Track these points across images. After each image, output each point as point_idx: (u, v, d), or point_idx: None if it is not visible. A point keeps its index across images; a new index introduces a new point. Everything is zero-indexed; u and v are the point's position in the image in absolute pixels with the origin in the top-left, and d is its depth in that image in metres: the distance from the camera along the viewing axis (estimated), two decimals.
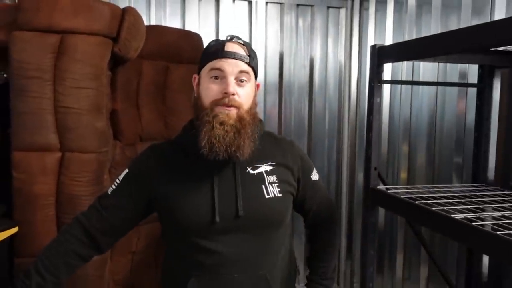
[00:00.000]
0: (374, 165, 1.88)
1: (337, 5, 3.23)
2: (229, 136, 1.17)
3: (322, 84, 3.26)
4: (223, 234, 1.23)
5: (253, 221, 1.24)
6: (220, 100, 1.20)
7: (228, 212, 1.23)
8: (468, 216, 1.42)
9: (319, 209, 1.46)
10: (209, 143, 1.17)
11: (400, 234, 2.72)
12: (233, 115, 1.20)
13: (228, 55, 1.23)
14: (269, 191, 1.27)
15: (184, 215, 1.23)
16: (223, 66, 1.22)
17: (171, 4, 2.90)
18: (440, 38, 1.57)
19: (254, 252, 1.26)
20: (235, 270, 1.24)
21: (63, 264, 1.29)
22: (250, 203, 1.24)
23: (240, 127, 1.20)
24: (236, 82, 1.22)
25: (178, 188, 1.25)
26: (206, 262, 1.24)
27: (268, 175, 1.29)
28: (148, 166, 1.30)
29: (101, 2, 2.06)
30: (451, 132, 2.28)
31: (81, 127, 1.96)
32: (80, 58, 1.94)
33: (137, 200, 1.30)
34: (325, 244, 1.49)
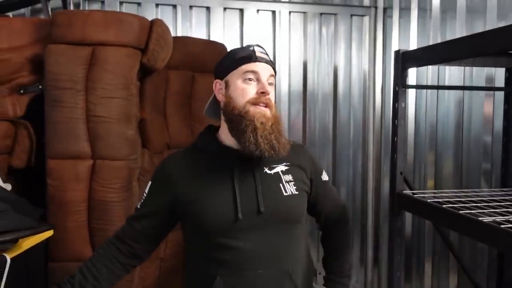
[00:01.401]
0: (400, 170, 1.88)
1: (360, 13, 3.25)
2: (273, 135, 1.25)
3: (346, 92, 3.27)
4: (245, 231, 1.27)
5: (274, 217, 1.28)
6: (257, 100, 1.27)
7: (250, 209, 1.27)
8: (497, 219, 1.40)
9: (331, 210, 1.49)
10: (255, 141, 1.23)
11: (428, 242, 2.68)
12: (269, 115, 1.27)
13: (260, 59, 1.30)
14: (286, 189, 1.32)
15: (207, 216, 1.27)
16: (258, 69, 1.28)
17: (197, 14, 2.98)
18: (465, 41, 1.57)
19: (277, 248, 1.29)
20: (259, 266, 1.27)
21: (105, 268, 1.34)
22: (270, 200, 1.28)
23: (278, 126, 1.28)
24: (268, 83, 1.30)
25: (200, 190, 1.30)
26: (230, 260, 1.27)
27: (284, 175, 1.34)
28: (168, 174, 1.35)
29: (131, 15, 2.14)
30: (479, 137, 2.25)
31: (111, 135, 2.02)
32: (110, 69, 2.02)
33: (164, 207, 1.35)
34: (339, 244, 1.51)
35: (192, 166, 1.34)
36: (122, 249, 1.36)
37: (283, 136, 1.29)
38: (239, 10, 3.05)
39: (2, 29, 2.14)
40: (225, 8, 3.02)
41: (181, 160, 1.37)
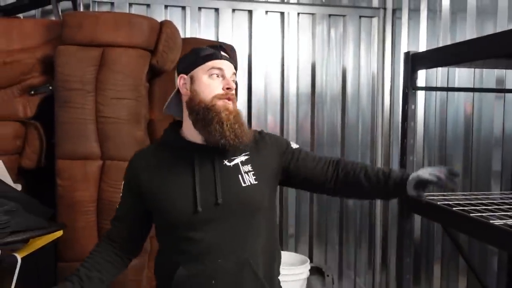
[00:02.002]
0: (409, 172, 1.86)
1: (369, 14, 3.23)
2: (237, 125, 1.31)
3: (354, 93, 3.25)
4: (205, 223, 1.33)
5: (232, 208, 1.34)
6: (222, 95, 1.34)
7: (209, 201, 1.33)
8: (508, 222, 1.39)
9: (322, 167, 1.45)
10: (221, 130, 1.30)
11: (437, 245, 2.67)
12: (232, 108, 1.34)
13: (224, 57, 1.38)
14: (245, 179, 1.37)
15: (169, 209, 1.34)
16: (223, 66, 1.36)
17: (206, 16, 2.99)
18: (476, 43, 1.56)
19: (235, 238, 1.35)
20: (218, 256, 1.33)
21: (105, 262, 1.41)
22: (228, 192, 1.34)
23: (240, 118, 1.34)
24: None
25: (162, 184, 1.36)
26: (192, 250, 1.33)
27: (243, 165, 1.39)
28: (134, 170, 1.42)
29: (140, 16, 2.15)
30: (489, 139, 2.24)
31: (120, 136, 2.04)
32: (120, 70, 2.03)
33: (137, 205, 1.42)
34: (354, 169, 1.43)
35: (156, 162, 1.40)
36: (114, 245, 1.44)
37: (245, 127, 1.34)
38: (248, 11, 3.05)
39: (13, 30, 2.16)
40: (234, 10, 3.03)
41: (146, 157, 1.44)
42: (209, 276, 1.33)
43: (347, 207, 3.28)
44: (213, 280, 1.33)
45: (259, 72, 3.07)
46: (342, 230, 3.28)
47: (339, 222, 3.27)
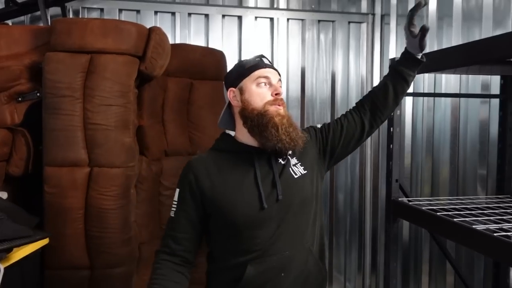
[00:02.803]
0: (395, 177, 1.89)
1: (358, 20, 3.26)
2: (291, 128, 1.38)
3: (344, 98, 3.28)
4: (269, 219, 1.38)
5: (290, 201, 1.40)
6: (273, 101, 1.39)
7: (271, 198, 1.38)
8: (491, 227, 1.41)
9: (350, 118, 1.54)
10: (277, 135, 1.35)
11: (425, 249, 2.69)
12: (284, 112, 1.40)
13: (269, 66, 1.44)
14: (295, 171, 1.44)
15: (235, 210, 1.37)
16: (269, 74, 1.42)
17: (196, 22, 3.00)
18: (459, 50, 1.58)
19: (297, 229, 1.41)
20: (285, 248, 1.38)
21: (173, 283, 1.41)
22: (286, 187, 1.40)
23: (291, 121, 1.40)
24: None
25: (226, 187, 1.40)
26: (258, 248, 1.37)
27: (292, 158, 1.46)
28: (194, 176, 1.43)
29: (129, 23, 2.16)
30: (475, 143, 2.26)
31: (109, 142, 2.03)
32: (108, 76, 2.03)
33: (197, 210, 1.44)
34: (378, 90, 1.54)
35: (215, 166, 1.44)
36: (176, 261, 1.43)
37: (298, 130, 1.41)
38: (238, 17, 3.07)
39: (1, 37, 2.16)
40: (224, 16, 3.04)
41: (204, 162, 1.47)
42: (278, 270, 1.38)
43: (337, 212, 3.30)
44: (283, 273, 1.39)
45: None
46: (332, 235, 3.30)
47: (329, 227, 3.29)
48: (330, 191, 3.27)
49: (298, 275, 1.42)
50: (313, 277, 1.46)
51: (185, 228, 1.44)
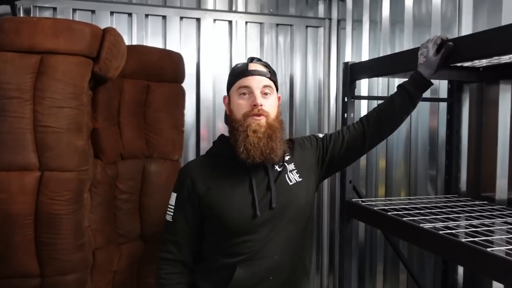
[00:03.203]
0: (349, 179, 1.93)
1: (315, 24, 3.32)
2: (263, 142, 1.38)
3: (302, 100, 3.33)
4: (262, 225, 1.42)
5: (284, 208, 1.44)
6: (251, 112, 1.40)
7: (265, 205, 1.42)
8: (437, 225, 1.46)
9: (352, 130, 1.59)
10: (246, 149, 1.38)
11: (380, 248, 2.76)
12: (263, 123, 1.40)
13: (252, 72, 1.44)
14: (291, 178, 1.48)
15: (229, 215, 1.41)
16: (249, 83, 1.43)
17: (153, 24, 2.96)
18: (407, 55, 1.64)
19: (289, 235, 1.44)
20: (275, 253, 1.42)
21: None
22: (280, 194, 1.44)
23: (271, 133, 1.40)
24: (261, 95, 1.43)
25: (221, 192, 1.43)
26: (249, 251, 1.40)
27: (288, 164, 1.50)
28: (190, 181, 1.47)
29: (82, 23, 2.11)
30: (425, 145, 2.34)
31: (60, 146, 1.97)
32: (60, 77, 1.98)
33: (195, 213, 1.48)
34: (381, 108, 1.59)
35: (211, 171, 1.47)
36: (179, 270, 1.48)
37: (277, 141, 1.41)
38: (196, 19, 3.06)
39: None
40: (182, 18, 3.02)
41: (200, 166, 1.51)
42: (267, 273, 1.42)
43: None
44: (271, 276, 1.42)
45: (207, 80, 3.08)
46: None
47: None
48: None
49: (286, 280, 1.45)
50: (301, 284, 1.50)
51: (185, 233, 1.48)
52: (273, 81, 1.48)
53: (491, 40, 1.25)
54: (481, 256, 1.20)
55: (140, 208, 2.44)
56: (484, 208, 1.77)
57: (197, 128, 3.06)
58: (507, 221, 1.57)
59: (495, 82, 1.88)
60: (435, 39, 1.45)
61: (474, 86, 2.02)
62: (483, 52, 1.32)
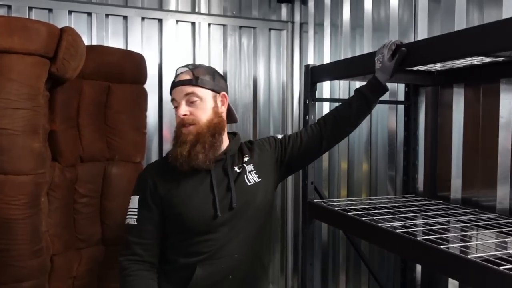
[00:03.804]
0: (310, 180, 1.96)
1: (278, 27, 3.35)
2: (186, 150, 1.44)
3: (266, 102, 3.36)
4: (222, 225, 1.45)
5: (243, 208, 1.48)
6: (180, 123, 1.48)
7: (225, 206, 1.46)
8: (395, 224, 1.50)
9: (308, 133, 1.65)
10: (174, 159, 1.46)
11: (342, 248, 2.80)
12: (192, 131, 1.46)
13: (176, 84, 1.51)
14: (250, 179, 1.52)
15: (189, 215, 1.44)
16: (175, 95, 1.51)
17: (113, 24, 2.90)
18: (364, 59, 1.68)
19: (249, 234, 1.49)
20: (235, 251, 1.45)
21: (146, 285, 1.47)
22: (239, 194, 1.48)
23: (197, 140, 1.45)
24: (187, 103, 1.48)
25: (181, 192, 1.47)
26: (209, 250, 1.43)
27: (247, 165, 1.55)
28: (151, 182, 1.51)
29: (38, 22, 2.04)
30: (385, 146, 2.40)
31: (16, 148, 1.91)
32: (15, 78, 1.91)
33: (159, 214, 1.50)
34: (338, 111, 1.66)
35: (172, 172, 1.49)
36: (147, 268, 1.49)
37: (210, 146, 1.46)
38: (158, 20, 3.02)
39: None
40: (144, 18, 2.98)
41: (160, 168, 1.54)
42: (226, 272, 1.45)
43: None
44: (230, 275, 1.45)
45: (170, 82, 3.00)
46: None
47: None
48: None
49: (245, 279, 1.49)
50: (259, 282, 1.54)
51: (152, 234, 1.49)
52: (200, 86, 1.49)
53: (444, 45, 1.30)
54: (436, 253, 1.24)
55: (101, 212, 2.39)
56: (439, 207, 1.83)
57: (160, 130, 3.03)
58: (461, 219, 1.63)
59: (448, 85, 1.95)
60: (389, 45, 1.49)
61: (430, 89, 2.08)
62: (437, 57, 1.37)
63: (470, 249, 1.27)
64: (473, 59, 1.52)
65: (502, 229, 1.48)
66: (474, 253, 1.19)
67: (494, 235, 1.45)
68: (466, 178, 1.91)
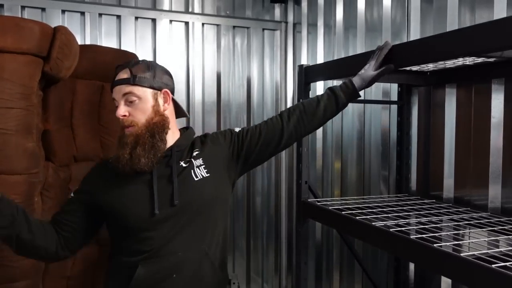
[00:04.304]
0: (305, 179, 1.96)
1: (272, 27, 3.36)
2: (127, 153, 1.42)
3: (259, 102, 3.36)
4: (163, 222, 1.41)
5: (187, 204, 1.42)
6: (120, 124, 1.47)
7: (166, 202, 1.41)
8: (388, 223, 1.51)
9: (267, 128, 1.59)
10: (117, 161, 1.44)
11: (336, 248, 2.81)
12: (132, 133, 1.43)
13: (115, 83, 1.48)
14: (197, 174, 1.46)
15: (126, 213, 1.41)
16: (114, 95, 1.48)
17: (107, 23, 2.90)
18: (357, 59, 1.69)
19: (193, 231, 1.43)
20: (178, 249, 1.40)
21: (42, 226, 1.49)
22: (184, 190, 1.42)
23: (137, 142, 1.42)
24: (125, 103, 1.46)
25: (121, 190, 1.44)
26: (150, 248, 1.39)
27: (195, 160, 1.49)
28: (93, 179, 1.52)
29: (31, 21, 2.03)
30: (378, 146, 2.42)
31: (9, 148, 1.90)
32: (8, 77, 1.90)
33: (86, 208, 1.51)
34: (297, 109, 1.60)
35: (115, 171, 1.47)
36: (58, 231, 1.50)
37: (145, 147, 1.42)
38: (152, 20, 3.02)
39: None
40: (137, 18, 2.97)
41: (105, 167, 1.53)
42: (169, 270, 1.40)
43: (255, 216, 3.35)
44: (174, 274, 1.40)
45: None
46: (250, 238, 3.35)
47: (247, 230, 3.33)
48: (247, 194, 3.32)
49: (191, 277, 1.42)
50: (208, 281, 1.46)
51: (67, 216, 1.50)
52: (138, 84, 1.45)
53: (436, 45, 1.31)
54: (429, 252, 1.25)
55: None
56: (432, 206, 1.85)
57: None
58: (453, 218, 1.65)
59: (441, 86, 1.97)
60: (378, 57, 1.49)
61: (423, 89, 2.10)
62: (429, 57, 1.38)
63: (463, 248, 1.28)
64: (465, 59, 1.54)
65: (493, 228, 1.50)
66: (467, 251, 1.21)
67: (486, 234, 1.47)
68: (458, 177, 1.92)
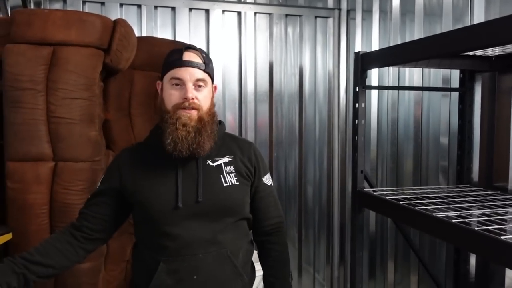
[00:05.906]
0: (360, 168, 1.93)
1: (324, 14, 3.30)
2: (191, 136, 1.35)
3: (312, 92, 3.33)
4: (185, 219, 1.37)
5: (212, 205, 1.39)
6: (181, 104, 1.37)
7: (190, 198, 1.37)
8: (450, 214, 1.46)
9: (267, 214, 1.54)
10: (173, 142, 1.35)
11: (391, 238, 2.76)
12: (194, 116, 1.37)
13: (186, 64, 1.38)
14: (226, 180, 1.43)
15: (150, 204, 1.38)
16: (182, 75, 1.38)
17: (162, 15, 2.96)
18: (419, 44, 1.63)
19: (215, 234, 1.39)
20: (198, 251, 1.37)
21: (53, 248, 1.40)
22: (209, 190, 1.39)
23: (201, 127, 1.37)
24: (194, 87, 1.39)
25: (146, 181, 1.41)
26: (172, 246, 1.37)
27: (226, 166, 1.45)
28: (118, 167, 1.47)
29: (93, 15, 2.11)
30: (436, 135, 2.33)
31: (73, 136, 2.00)
32: (72, 69, 1.99)
33: (112, 193, 1.46)
34: (277, 257, 1.60)
35: (141, 159, 1.45)
36: (75, 234, 1.43)
37: (205, 135, 1.37)
38: (205, 10, 3.06)
39: None
40: (191, 9, 3.02)
41: (131, 153, 1.50)
42: (190, 271, 1.37)
43: (306, 206, 3.34)
44: (195, 275, 1.37)
45: (217, 71, 3.07)
46: (301, 228, 3.34)
47: (299, 220, 3.33)
48: (299, 185, 3.31)
49: (212, 280, 1.39)
50: (229, 285, 1.43)
51: (96, 208, 1.46)
52: (208, 72, 1.43)
53: (505, 27, 1.24)
54: (494, 244, 1.20)
55: None
56: (497, 198, 1.76)
57: None
58: None
59: (507, 71, 1.87)
60: None
61: (487, 75, 2.00)
62: (496, 40, 1.31)
63: None
64: None
65: None
66: None
67: None
68: None
